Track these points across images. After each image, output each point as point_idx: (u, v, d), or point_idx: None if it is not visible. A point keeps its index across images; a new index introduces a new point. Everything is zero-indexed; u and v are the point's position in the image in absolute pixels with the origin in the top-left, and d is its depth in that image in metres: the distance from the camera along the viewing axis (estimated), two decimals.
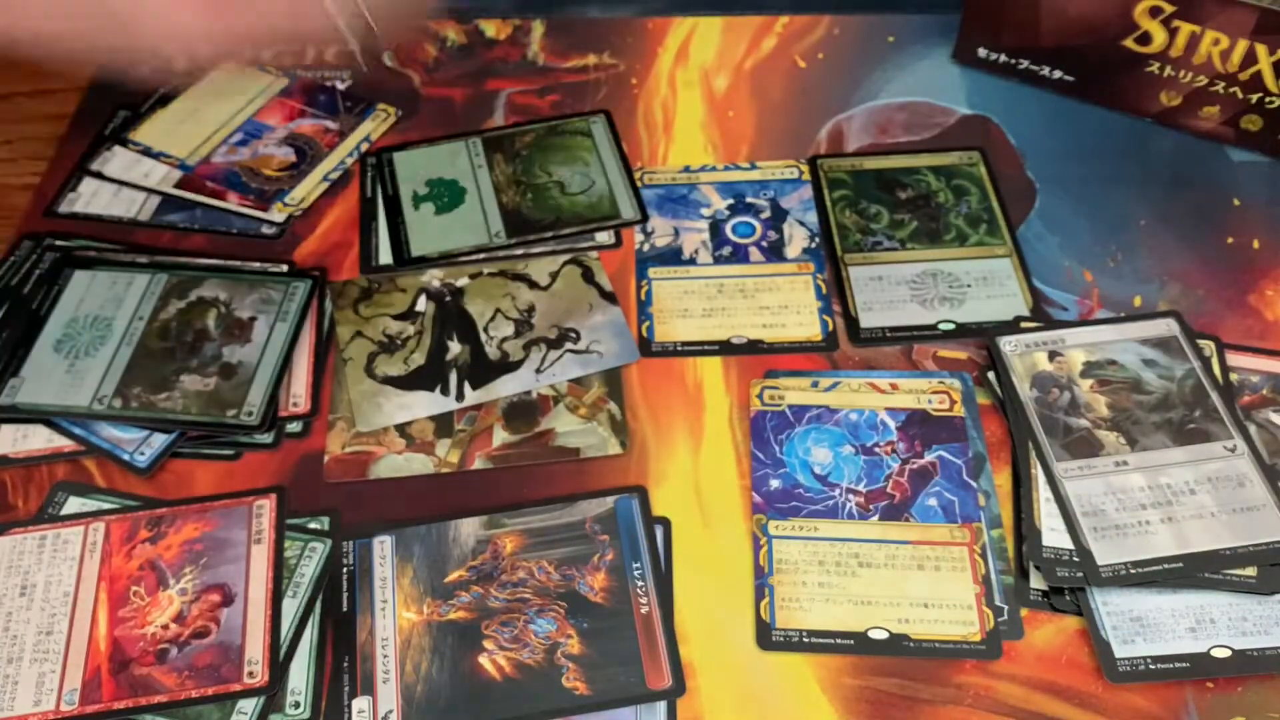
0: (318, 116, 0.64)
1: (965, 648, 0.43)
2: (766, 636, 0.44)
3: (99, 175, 0.61)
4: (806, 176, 0.61)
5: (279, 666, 0.43)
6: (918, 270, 0.56)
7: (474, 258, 0.57)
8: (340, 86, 0.66)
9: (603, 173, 0.61)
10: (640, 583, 0.45)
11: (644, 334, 0.54)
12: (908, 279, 0.56)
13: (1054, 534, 0.45)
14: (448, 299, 0.55)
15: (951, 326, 0.54)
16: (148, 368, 0.51)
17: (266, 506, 0.47)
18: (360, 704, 0.42)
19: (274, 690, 0.42)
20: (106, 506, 0.47)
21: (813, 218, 0.59)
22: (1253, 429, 0.48)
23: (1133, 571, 0.44)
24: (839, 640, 0.44)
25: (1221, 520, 0.45)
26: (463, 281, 0.56)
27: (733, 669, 0.43)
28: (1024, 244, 0.57)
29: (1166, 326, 0.52)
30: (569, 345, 0.53)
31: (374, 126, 0.64)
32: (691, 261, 0.57)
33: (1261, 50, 0.57)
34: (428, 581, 0.45)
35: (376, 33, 0.42)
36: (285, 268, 0.56)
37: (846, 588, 0.45)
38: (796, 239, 0.58)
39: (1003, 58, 0.65)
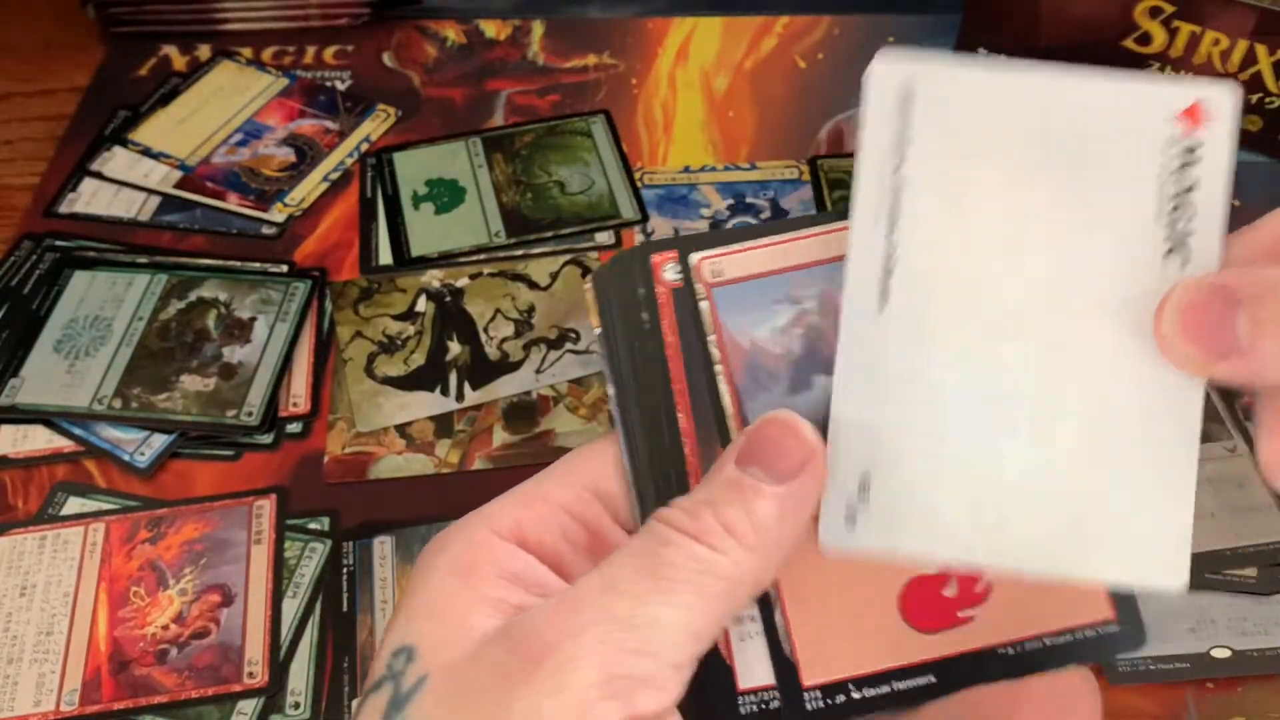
0: (318, 116, 0.64)
1: None
2: None
3: (99, 175, 0.61)
4: (806, 177, 0.61)
5: (279, 666, 0.43)
6: None
7: (474, 258, 0.57)
8: (340, 86, 0.66)
9: (603, 173, 0.61)
10: None
11: None
12: None
13: None
14: (448, 299, 0.55)
15: None
16: (148, 368, 0.51)
17: (266, 507, 0.47)
18: None
19: (274, 690, 0.42)
20: (106, 507, 0.47)
21: None
22: (1253, 429, 0.48)
23: None
24: None
25: (1221, 520, 0.45)
26: (463, 282, 0.56)
27: None
28: None
29: None
30: (569, 345, 0.53)
31: (374, 126, 0.64)
32: None
33: (1261, 50, 0.57)
34: None
35: None
36: (285, 268, 0.56)
37: None
38: None
39: (1002, 58, 0.65)
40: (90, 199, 0.60)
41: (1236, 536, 0.44)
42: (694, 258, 0.29)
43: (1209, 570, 0.44)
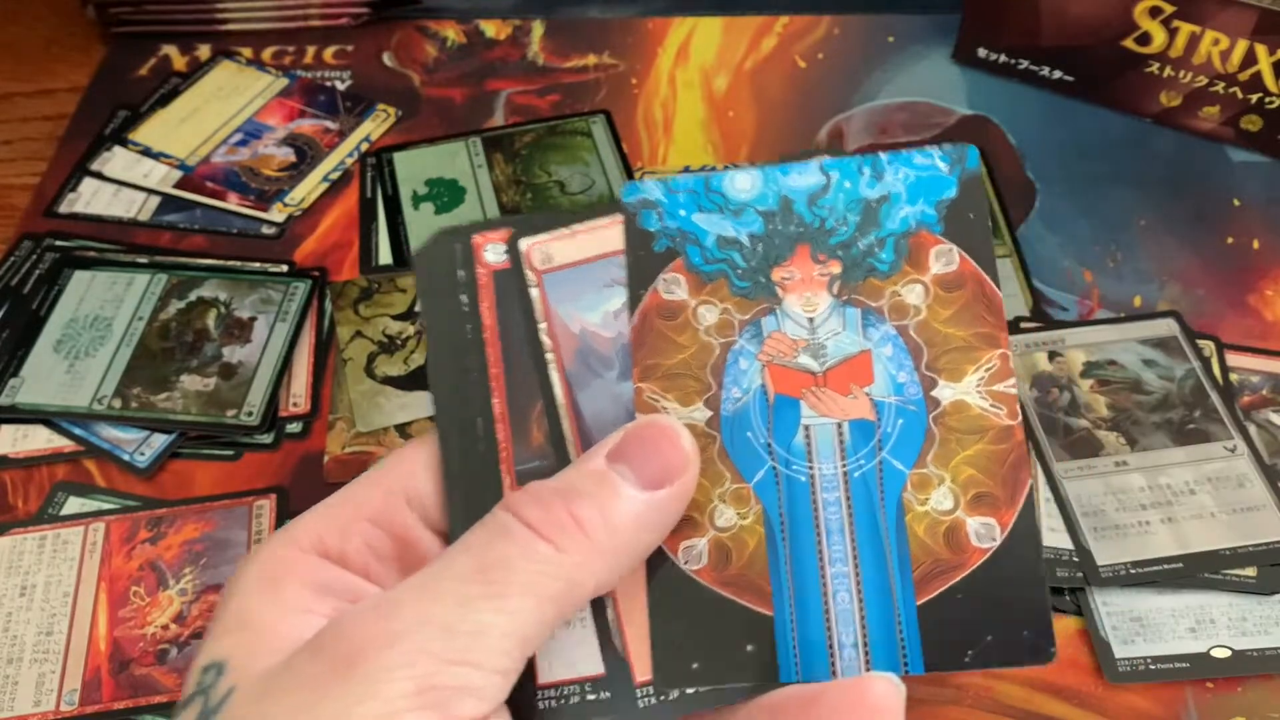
0: (318, 116, 0.64)
1: None
2: None
3: (99, 175, 0.61)
4: None
5: None
6: None
7: None
8: (340, 86, 0.66)
9: (603, 173, 0.61)
10: None
11: None
12: None
13: (1053, 534, 0.45)
14: None
15: None
16: (148, 368, 0.51)
17: (266, 507, 0.47)
18: None
19: None
20: (106, 507, 0.47)
21: None
22: (1252, 429, 0.48)
23: (1133, 571, 0.44)
24: None
25: (1221, 520, 0.45)
26: None
27: None
28: (1024, 244, 0.57)
29: (1166, 326, 0.52)
30: None
31: (374, 126, 0.64)
32: None
33: (1261, 50, 0.57)
34: None
35: None
36: (285, 268, 0.56)
37: None
38: None
39: (1003, 58, 0.65)
40: (90, 199, 0.60)
41: (1236, 536, 0.44)
42: (524, 244, 0.28)
43: (1209, 570, 0.44)
